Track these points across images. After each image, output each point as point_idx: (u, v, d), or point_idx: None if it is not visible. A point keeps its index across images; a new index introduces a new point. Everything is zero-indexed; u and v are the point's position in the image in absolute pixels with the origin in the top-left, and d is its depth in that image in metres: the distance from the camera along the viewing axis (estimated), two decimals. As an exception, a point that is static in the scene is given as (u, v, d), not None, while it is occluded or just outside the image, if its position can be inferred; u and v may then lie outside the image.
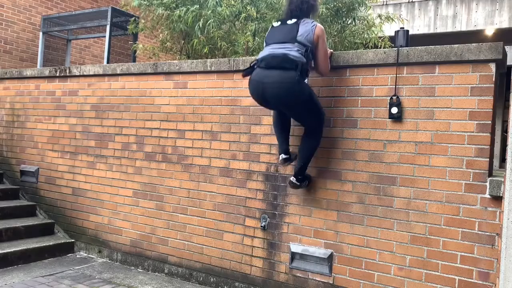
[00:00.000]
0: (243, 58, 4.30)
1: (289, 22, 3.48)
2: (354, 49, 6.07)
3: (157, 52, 6.99)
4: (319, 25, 3.45)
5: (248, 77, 3.51)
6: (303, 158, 3.60)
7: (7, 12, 7.89)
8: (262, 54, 3.45)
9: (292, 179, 3.63)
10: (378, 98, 3.53)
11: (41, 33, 8.16)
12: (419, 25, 10.95)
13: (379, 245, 3.48)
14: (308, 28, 3.39)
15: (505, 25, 10.15)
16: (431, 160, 3.31)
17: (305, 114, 3.50)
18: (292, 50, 3.31)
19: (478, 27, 10.42)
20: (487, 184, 3.10)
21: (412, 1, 11.03)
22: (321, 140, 3.63)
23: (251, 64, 3.50)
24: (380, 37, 6.54)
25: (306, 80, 3.42)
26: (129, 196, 4.88)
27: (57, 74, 5.57)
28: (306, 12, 3.50)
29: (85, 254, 5.18)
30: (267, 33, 3.65)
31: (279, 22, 3.57)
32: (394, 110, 3.42)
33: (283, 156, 3.65)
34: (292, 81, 3.26)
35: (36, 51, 8.28)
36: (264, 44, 3.57)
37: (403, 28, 3.78)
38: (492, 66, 3.16)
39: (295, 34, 3.37)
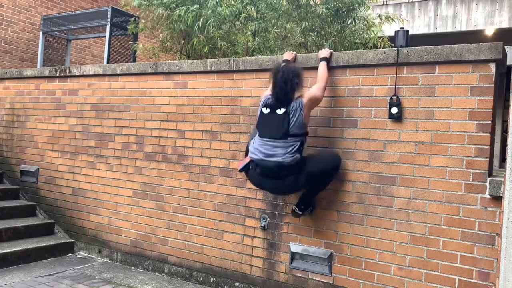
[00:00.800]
0: (243, 58, 4.30)
1: (278, 112, 3.38)
2: (354, 49, 6.07)
3: (157, 52, 6.99)
4: (301, 96, 3.42)
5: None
6: (312, 192, 3.63)
7: (7, 12, 7.89)
8: (255, 152, 3.42)
9: (295, 208, 3.67)
10: (378, 98, 3.53)
11: (41, 33, 8.16)
12: (419, 25, 10.95)
13: (379, 245, 3.48)
14: (297, 111, 3.35)
15: (505, 25, 10.15)
16: (431, 160, 3.31)
17: (314, 177, 3.50)
18: (285, 154, 3.31)
19: (478, 27, 10.42)
20: (487, 184, 3.10)
21: (412, 1, 11.03)
22: (335, 177, 3.62)
23: (245, 165, 3.50)
24: (380, 37, 6.53)
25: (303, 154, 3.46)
26: (129, 196, 4.88)
27: (57, 74, 5.57)
28: (291, 92, 3.38)
29: (85, 254, 5.18)
30: (257, 117, 3.53)
31: (269, 110, 3.45)
32: (394, 110, 3.42)
33: (296, 210, 3.68)
34: (290, 184, 3.42)
35: (36, 51, 8.28)
36: (256, 132, 3.49)
37: (403, 28, 3.78)
38: (492, 66, 3.16)
39: (286, 128, 3.32)
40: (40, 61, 8.08)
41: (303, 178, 3.40)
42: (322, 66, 3.62)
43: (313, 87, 3.53)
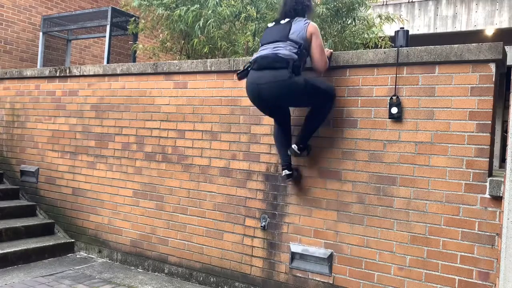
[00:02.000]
0: (243, 58, 4.31)
1: (282, 22, 3.53)
2: (354, 49, 6.07)
3: (157, 52, 6.99)
4: (312, 22, 3.49)
5: (245, 80, 3.56)
6: (307, 130, 3.62)
7: (7, 12, 7.90)
8: (255, 55, 3.51)
9: (294, 146, 3.62)
10: (378, 98, 3.54)
11: (41, 33, 8.16)
12: (419, 25, 10.95)
13: (379, 245, 3.48)
14: (301, 25, 3.43)
15: (505, 25, 10.15)
16: (431, 160, 3.31)
17: (308, 100, 3.53)
18: (282, 49, 3.36)
19: (478, 27, 10.42)
20: (487, 184, 3.10)
21: (412, 1, 11.03)
22: (329, 113, 3.62)
23: (245, 67, 3.54)
24: (380, 37, 6.53)
25: (300, 75, 3.43)
26: (129, 196, 4.88)
27: (57, 74, 5.57)
28: (300, 13, 3.53)
29: (85, 254, 5.18)
30: (263, 34, 3.68)
31: (273, 23, 3.61)
32: (394, 110, 3.42)
33: (286, 172, 3.69)
34: (284, 79, 3.32)
35: (36, 51, 8.28)
36: (260, 46, 3.60)
37: (403, 28, 3.78)
38: (492, 66, 3.16)
39: (287, 32, 3.41)
40: (40, 61, 8.08)
41: (301, 81, 3.36)
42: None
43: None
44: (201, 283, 4.34)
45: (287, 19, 3.50)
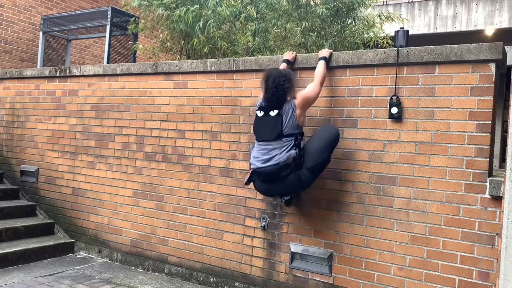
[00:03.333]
0: (243, 58, 4.31)
1: (271, 113, 3.44)
2: (354, 49, 6.07)
3: (157, 52, 6.99)
4: (294, 98, 3.44)
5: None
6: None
7: (7, 12, 7.90)
8: (253, 161, 3.47)
9: (284, 197, 3.79)
10: (378, 98, 3.53)
11: (41, 33, 8.16)
12: (419, 25, 10.94)
13: (379, 245, 3.48)
14: (289, 112, 3.39)
15: (505, 25, 10.14)
16: (431, 160, 3.31)
17: (303, 184, 3.54)
18: (278, 154, 3.35)
19: (478, 27, 10.41)
20: (487, 184, 3.10)
21: (412, 1, 11.03)
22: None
23: (249, 178, 3.55)
24: (382, 37, 6.53)
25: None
26: (129, 196, 4.88)
27: (57, 74, 5.57)
28: (282, 97, 3.41)
29: (85, 254, 5.18)
30: (254, 121, 3.61)
31: (262, 112, 3.50)
32: (394, 110, 3.42)
33: (285, 198, 3.78)
34: (291, 182, 3.40)
35: (36, 51, 8.28)
36: (254, 135, 3.59)
37: (403, 28, 3.78)
38: (492, 66, 3.16)
39: (280, 129, 3.37)
40: (40, 61, 8.08)
41: (307, 174, 3.41)
42: (321, 64, 3.62)
43: (308, 86, 3.55)
44: (201, 283, 4.34)
45: (276, 111, 3.41)
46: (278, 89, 3.39)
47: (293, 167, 3.35)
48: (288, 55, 3.88)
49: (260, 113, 3.52)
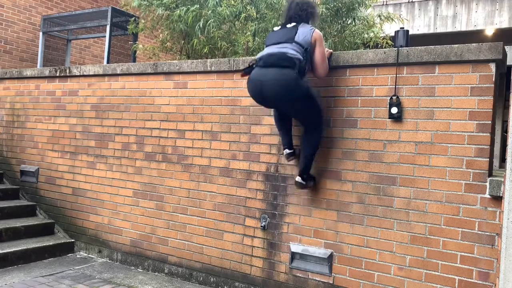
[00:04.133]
0: (243, 58, 4.30)
1: (288, 26, 3.57)
2: (354, 49, 6.07)
3: (157, 52, 6.99)
4: (317, 30, 3.55)
5: (247, 77, 3.54)
6: (306, 157, 3.62)
7: (7, 12, 7.90)
8: (260, 54, 3.52)
9: (298, 178, 3.63)
10: (378, 98, 3.54)
11: (41, 33, 8.16)
12: (419, 25, 10.95)
13: (379, 245, 3.48)
14: (307, 30, 3.48)
15: (505, 25, 10.14)
16: (431, 160, 3.31)
17: (304, 111, 3.53)
18: (289, 49, 3.38)
19: (478, 27, 10.41)
20: (487, 184, 3.10)
21: (412, 1, 11.03)
22: (322, 138, 3.65)
23: (250, 64, 3.54)
24: (382, 37, 6.53)
25: (304, 79, 3.44)
26: (129, 196, 4.88)
27: (57, 74, 5.57)
28: (305, 19, 3.58)
29: (85, 254, 5.18)
30: (267, 36, 3.70)
31: (279, 27, 3.65)
32: (394, 110, 3.42)
33: (287, 150, 3.71)
34: (289, 78, 3.30)
35: (36, 51, 8.28)
36: (265, 47, 3.62)
37: (403, 28, 3.78)
38: (492, 66, 3.16)
39: (293, 35, 3.45)
40: (40, 61, 8.08)
41: (305, 86, 3.39)
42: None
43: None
44: (201, 283, 4.34)
45: (293, 23, 3.54)
46: (302, 12, 3.55)
47: (297, 67, 3.30)
48: None
49: (276, 28, 3.65)
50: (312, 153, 3.63)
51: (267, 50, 3.49)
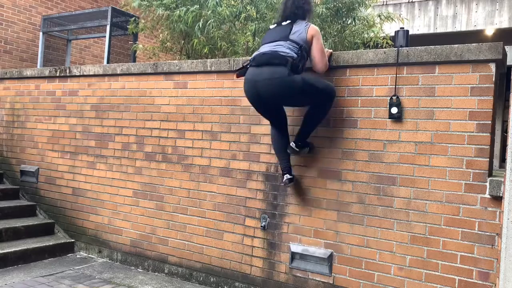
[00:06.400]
0: (243, 58, 4.31)
1: (283, 23, 3.57)
2: (354, 49, 6.07)
3: (157, 52, 6.99)
4: (313, 25, 3.53)
5: (243, 78, 3.55)
6: (307, 126, 3.58)
7: (7, 12, 7.90)
8: (254, 53, 3.54)
9: (292, 144, 3.58)
10: (378, 98, 3.54)
11: (41, 33, 8.16)
12: (419, 25, 10.94)
13: (379, 245, 3.48)
14: (302, 27, 3.47)
15: (505, 25, 10.14)
16: (431, 160, 3.31)
17: (306, 99, 3.52)
18: (282, 47, 3.38)
19: (478, 27, 10.41)
20: (487, 184, 3.10)
21: (412, 1, 11.02)
22: (327, 115, 3.60)
23: (244, 64, 3.56)
24: (382, 37, 6.54)
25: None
26: (129, 196, 4.88)
27: (57, 74, 5.57)
28: (301, 17, 3.57)
29: (85, 254, 5.18)
30: (264, 35, 3.72)
31: (275, 25, 3.66)
32: (394, 110, 3.42)
33: (287, 176, 3.63)
34: (281, 76, 3.30)
35: (36, 51, 8.29)
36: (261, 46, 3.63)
37: (403, 28, 3.78)
38: (492, 66, 3.16)
39: (288, 33, 3.45)
40: (40, 61, 8.08)
41: (298, 80, 3.34)
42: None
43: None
44: (201, 283, 4.34)
45: (288, 21, 3.54)
46: (298, 9, 3.52)
47: (289, 64, 3.28)
48: None
49: (272, 26, 3.64)
50: (315, 125, 3.60)
51: (260, 49, 3.50)
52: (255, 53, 3.53)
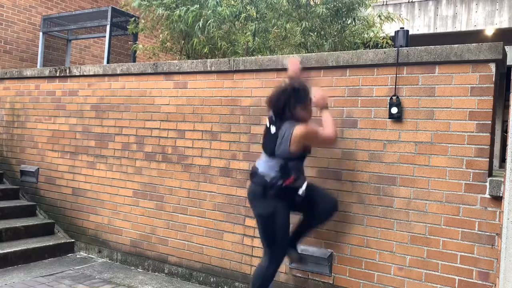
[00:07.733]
0: (243, 58, 4.31)
1: (272, 129, 3.24)
2: (354, 49, 6.07)
3: (157, 52, 6.99)
4: (298, 126, 3.11)
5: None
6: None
7: (7, 12, 7.90)
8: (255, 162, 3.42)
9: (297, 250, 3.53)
10: (378, 98, 3.53)
11: (41, 33, 8.17)
12: (419, 25, 10.94)
13: (379, 245, 3.48)
14: (286, 136, 3.12)
15: (505, 25, 10.14)
16: (431, 160, 3.31)
17: (263, 228, 3.34)
18: (265, 165, 3.24)
19: (478, 27, 10.41)
20: (487, 184, 3.10)
21: (412, 1, 11.02)
22: (273, 277, 3.35)
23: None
24: (382, 37, 6.54)
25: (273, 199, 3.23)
26: (129, 196, 4.88)
27: (57, 74, 5.57)
28: (288, 107, 3.15)
29: (85, 254, 5.18)
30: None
31: (268, 124, 3.31)
32: (394, 110, 3.42)
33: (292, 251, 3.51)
34: (258, 195, 3.25)
35: (36, 51, 8.29)
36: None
37: (403, 28, 3.78)
38: (492, 66, 3.16)
39: (273, 148, 3.19)
40: (40, 61, 8.08)
41: (270, 208, 3.21)
42: (326, 112, 3.34)
43: (319, 128, 3.25)
44: (201, 283, 4.34)
45: (274, 128, 3.21)
46: (279, 100, 3.19)
47: (265, 184, 3.17)
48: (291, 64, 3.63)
49: (268, 123, 3.33)
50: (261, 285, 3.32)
51: (259, 161, 3.34)
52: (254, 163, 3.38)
